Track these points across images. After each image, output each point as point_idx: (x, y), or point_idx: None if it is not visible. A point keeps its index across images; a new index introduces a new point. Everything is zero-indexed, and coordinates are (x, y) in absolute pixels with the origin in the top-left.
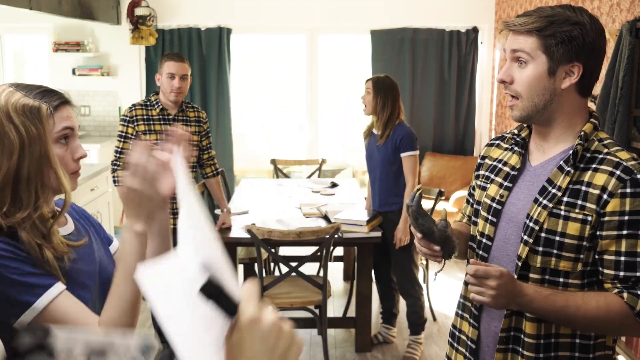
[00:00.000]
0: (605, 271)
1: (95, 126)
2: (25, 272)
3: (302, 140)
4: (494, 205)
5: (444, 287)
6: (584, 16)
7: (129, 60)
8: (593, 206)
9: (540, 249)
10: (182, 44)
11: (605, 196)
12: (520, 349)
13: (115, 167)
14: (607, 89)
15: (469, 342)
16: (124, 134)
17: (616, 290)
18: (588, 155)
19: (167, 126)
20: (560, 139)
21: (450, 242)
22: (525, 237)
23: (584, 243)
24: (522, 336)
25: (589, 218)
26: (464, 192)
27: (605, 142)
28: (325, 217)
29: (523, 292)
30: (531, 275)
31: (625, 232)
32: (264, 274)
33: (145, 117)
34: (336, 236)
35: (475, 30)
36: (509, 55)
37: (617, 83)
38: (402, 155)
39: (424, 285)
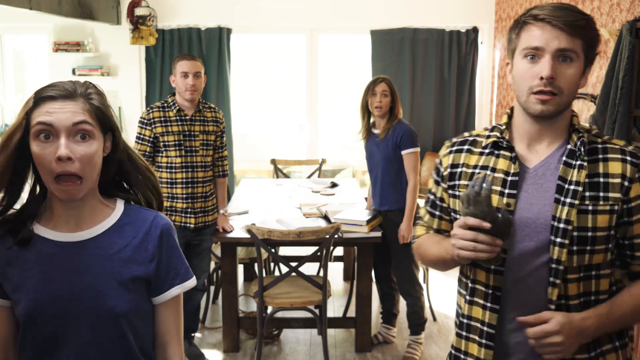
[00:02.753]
0: (637, 254)
1: None
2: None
3: (302, 140)
4: None
5: (444, 287)
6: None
7: (129, 61)
8: (618, 195)
9: (575, 248)
10: (182, 44)
11: (626, 183)
12: None
13: None
14: (607, 89)
15: None
16: (141, 136)
17: None
18: (583, 146)
19: (185, 127)
20: (554, 137)
21: (510, 233)
22: (560, 240)
23: (612, 232)
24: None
25: (616, 207)
26: None
27: (593, 132)
28: (325, 217)
29: (586, 326)
30: (569, 276)
31: None
32: (264, 274)
33: (162, 118)
34: (336, 236)
35: (475, 30)
36: (553, 50)
37: (617, 83)
38: (403, 152)
39: (424, 285)
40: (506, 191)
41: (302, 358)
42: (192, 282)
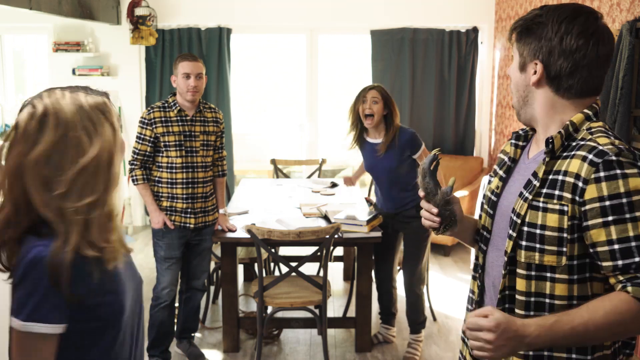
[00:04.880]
0: (604, 264)
1: None
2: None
3: (302, 140)
4: (492, 197)
5: (444, 287)
6: (557, 16)
7: (129, 61)
8: (569, 195)
9: (524, 243)
10: (182, 44)
11: (580, 184)
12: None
13: (133, 166)
14: (607, 89)
15: None
16: (142, 136)
17: (620, 286)
18: (573, 144)
19: (186, 127)
20: (548, 133)
21: (448, 208)
22: (510, 232)
23: (565, 235)
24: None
25: (565, 208)
26: (464, 192)
27: (593, 129)
28: (325, 217)
29: (526, 333)
30: (518, 270)
31: (610, 218)
32: (264, 274)
33: (163, 119)
34: (336, 236)
35: (475, 30)
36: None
37: (617, 83)
38: (415, 156)
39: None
40: (503, 175)
41: (302, 358)
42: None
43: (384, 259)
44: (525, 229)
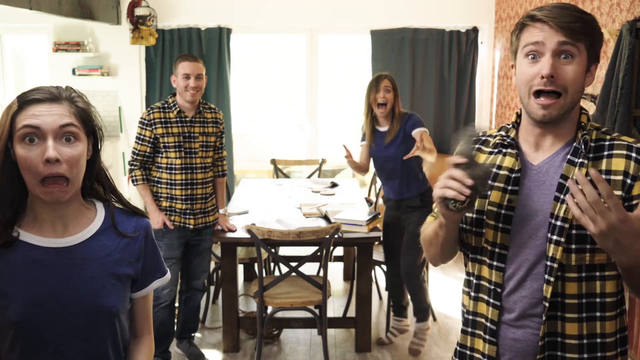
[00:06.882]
0: None
1: None
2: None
3: (302, 140)
4: (504, 212)
5: (444, 287)
6: (584, 13)
7: (129, 61)
8: (618, 192)
9: (574, 246)
10: (182, 44)
11: (628, 180)
12: (560, 353)
13: (132, 167)
14: (607, 89)
15: None
16: (141, 137)
17: None
18: (592, 144)
19: (185, 128)
20: (560, 136)
21: (486, 184)
22: (556, 237)
23: None
24: (562, 339)
25: None
26: None
27: (602, 129)
28: (325, 217)
29: None
30: (567, 275)
31: None
32: (264, 274)
33: (163, 119)
34: (336, 236)
35: (475, 30)
36: (553, 48)
37: (617, 83)
38: (414, 132)
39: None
40: (509, 188)
41: (302, 358)
42: (168, 275)
43: (393, 254)
44: (574, 232)
